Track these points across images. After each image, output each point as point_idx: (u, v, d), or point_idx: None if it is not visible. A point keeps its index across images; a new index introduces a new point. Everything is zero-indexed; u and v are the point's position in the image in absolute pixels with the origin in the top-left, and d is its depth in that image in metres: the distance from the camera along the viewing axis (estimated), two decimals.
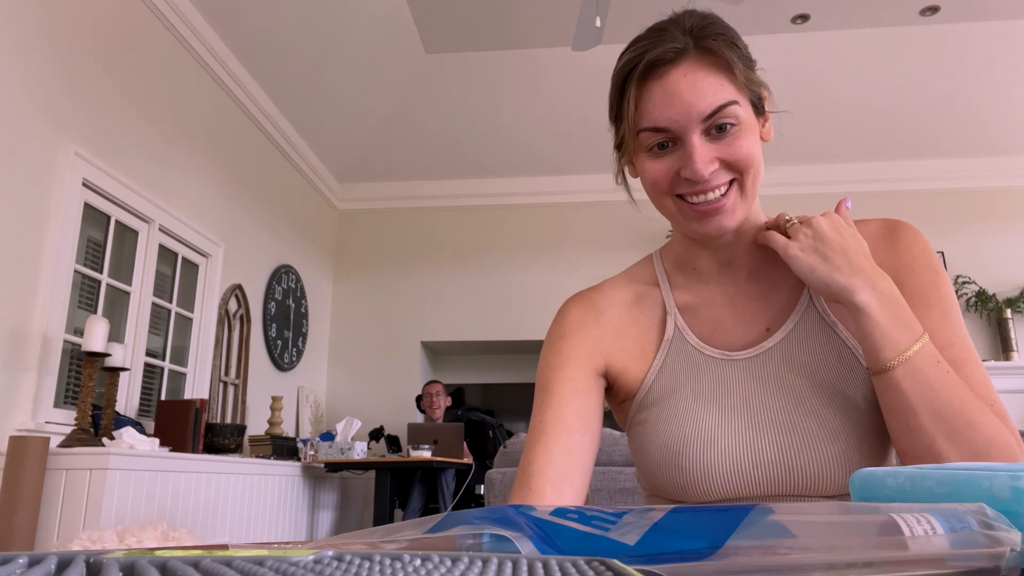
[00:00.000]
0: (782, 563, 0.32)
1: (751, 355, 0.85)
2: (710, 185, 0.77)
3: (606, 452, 2.61)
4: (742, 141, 0.77)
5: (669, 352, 0.88)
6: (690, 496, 0.82)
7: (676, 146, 0.78)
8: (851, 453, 0.77)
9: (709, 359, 0.86)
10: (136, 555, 0.23)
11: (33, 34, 2.84)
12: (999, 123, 5.26)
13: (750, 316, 0.87)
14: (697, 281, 0.91)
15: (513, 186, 6.06)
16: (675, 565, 0.33)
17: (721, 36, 0.78)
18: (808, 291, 0.85)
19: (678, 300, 0.91)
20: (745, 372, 0.84)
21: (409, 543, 0.36)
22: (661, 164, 0.79)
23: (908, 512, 0.34)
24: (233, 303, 4.43)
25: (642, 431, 0.87)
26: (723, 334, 0.88)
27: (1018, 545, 0.32)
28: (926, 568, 0.31)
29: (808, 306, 0.85)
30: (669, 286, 0.93)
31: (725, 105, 0.76)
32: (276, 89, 4.67)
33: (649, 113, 0.78)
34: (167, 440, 3.12)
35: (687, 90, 0.76)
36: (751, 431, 0.81)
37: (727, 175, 0.78)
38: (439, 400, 5.16)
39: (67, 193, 2.95)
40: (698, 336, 0.88)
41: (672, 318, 0.90)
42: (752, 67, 0.81)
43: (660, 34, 0.78)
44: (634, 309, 0.92)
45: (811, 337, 0.84)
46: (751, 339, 0.86)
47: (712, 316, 0.89)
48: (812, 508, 0.36)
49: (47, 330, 2.82)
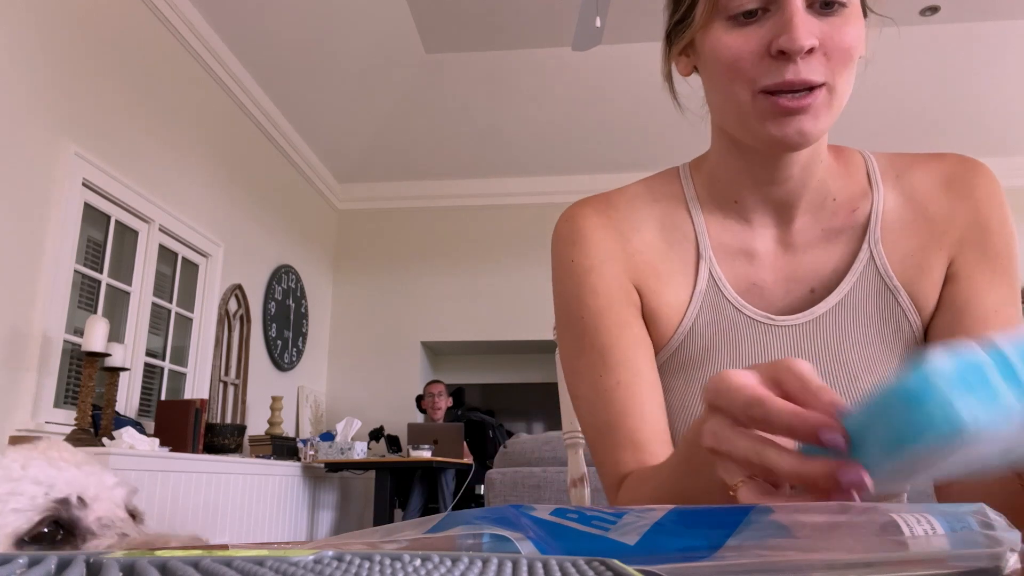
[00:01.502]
0: (782, 563, 0.32)
1: (800, 321, 0.72)
2: (802, 76, 0.61)
3: None
4: (850, 27, 0.62)
5: (703, 306, 0.73)
6: None
7: (768, 14, 0.62)
8: None
9: (750, 321, 0.72)
10: (136, 555, 0.23)
11: (33, 34, 2.83)
12: (999, 123, 5.26)
13: (795, 273, 0.73)
14: (737, 219, 0.74)
15: (513, 186, 6.06)
16: (675, 565, 0.33)
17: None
18: (868, 243, 0.71)
19: (714, 239, 0.74)
20: (791, 341, 0.71)
21: (409, 543, 0.36)
22: (746, 37, 0.63)
23: (908, 512, 0.34)
24: (233, 303, 4.43)
25: (668, 400, 0.74)
26: (766, 290, 0.73)
27: (1018, 545, 0.32)
28: (926, 568, 0.31)
29: (867, 264, 0.71)
30: (704, 219, 0.75)
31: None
32: (276, 89, 4.67)
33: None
34: (167, 440, 3.12)
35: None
36: None
37: (823, 71, 0.62)
38: (440, 400, 5.16)
39: (67, 193, 2.95)
40: (736, 289, 0.73)
41: (707, 263, 0.73)
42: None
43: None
44: (660, 240, 0.75)
45: (868, 304, 0.71)
46: (794, 300, 0.73)
47: (752, 267, 0.73)
48: (812, 508, 0.36)
49: (47, 330, 2.82)
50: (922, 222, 0.73)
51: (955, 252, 0.72)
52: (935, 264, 0.72)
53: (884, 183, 0.74)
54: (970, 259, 0.71)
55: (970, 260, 0.71)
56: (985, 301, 0.70)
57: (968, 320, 0.70)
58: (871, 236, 0.72)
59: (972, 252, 0.71)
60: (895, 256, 0.72)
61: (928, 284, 0.71)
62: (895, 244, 0.72)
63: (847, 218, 0.73)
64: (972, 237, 0.71)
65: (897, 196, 0.74)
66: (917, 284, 0.71)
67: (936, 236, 0.72)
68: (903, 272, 0.71)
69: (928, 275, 0.72)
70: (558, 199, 5.99)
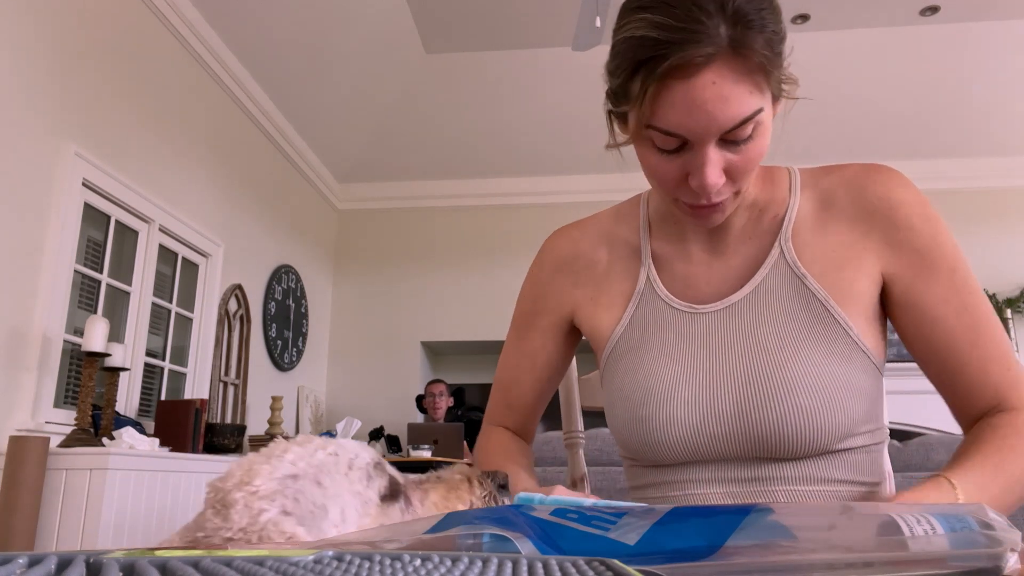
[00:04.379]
0: (782, 563, 0.32)
1: (718, 308, 0.83)
2: (713, 201, 0.74)
3: (606, 452, 2.61)
4: (758, 144, 0.71)
5: (639, 304, 0.88)
6: (652, 452, 0.81)
7: (686, 149, 0.71)
8: (815, 407, 0.74)
9: (677, 312, 0.85)
10: (136, 555, 0.23)
11: (33, 34, 2.83)
12: (999, 123, 5.26)
13: (725, 272, 0.85)
14: (676, 233, 0.89)
15: (513, 186, 6.06)
16: (675, 565, 0.33)
17: (763, 22, 0.67)
18: (780, 242, 0.83)
19: (655, 250, 0.90)
20: (711, 325, 0.83)
21: (409, 543, 0.36)
22: (668, 165, 0.73)
23: (908, 512, 0.34)
24: (233, 303, 4.43)
25: (610, 385, 0.88)
26: (695, 289, 0.86)
27: (1018, 545, 0.32)
28: (926, 568, 0.31)
29: (778, 258, 0.82)
30: (649, 234, 0.91)
31: (749, 118, 0.68)
32: (276, 89, 4.67)
33: (665, 116, 0.69)
34: (167, 440, 3.11)
35: (712, 100, 0.66)
36: (712, 384, 0.79)
37: (730, 189, 0.74)
38: (441, 400, 5.16)
39: (67, 193, 2.95)
40: (669, 289, 0.87)
41: (645, 269, 0.89)
42: (782, 50, 0.70)
43: (694, 23, 0.65)
44: (611, 255, 0.93)
45: (780, 289, 0.81)
46: (719, 294, 0.85)
47: (686, 270, 0.87)
48: (812, 508, 0.36)
49: (47, 330, 2.82)
50: (836, 220, 0.82)
51: (885, 254, 0.79)
52: (855, 256, 0.80)
53: (803, 191, 0.85)
54: (903, 262, 0.79)
55: (903, 263, 0.79)
56: (927, 299, 0.78)
57: (920, 318, 0.78)
58: (783, 235, 0.83)
59: (905, 254, 0.79)
60: (806, 249, 0.82)
61: (845, 272, 0.80)
62: (807, 240, 0.82)
63: (769, 223, 0.84)
64: (899, 238, 0.79)
65: (813, 200, 0.84)
66: (831, 272, 0.80)
67: (856, 235, 0.81)
68: (813, 262, 0.81)
69: (846, 265, 0.80)
70: (558, 199, 5.99)
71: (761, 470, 0.78)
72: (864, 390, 0.77)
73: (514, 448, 0.97)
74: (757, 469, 0.79)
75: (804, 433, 0.75)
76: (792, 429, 0.75)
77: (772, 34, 0.68)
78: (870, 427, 0.81)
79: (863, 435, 0.80)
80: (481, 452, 0.98)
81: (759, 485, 0.78)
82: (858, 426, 0.78)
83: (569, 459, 1.24)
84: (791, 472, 0.78)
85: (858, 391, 0.76)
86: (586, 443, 2.52)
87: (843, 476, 0.78)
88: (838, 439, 0.76)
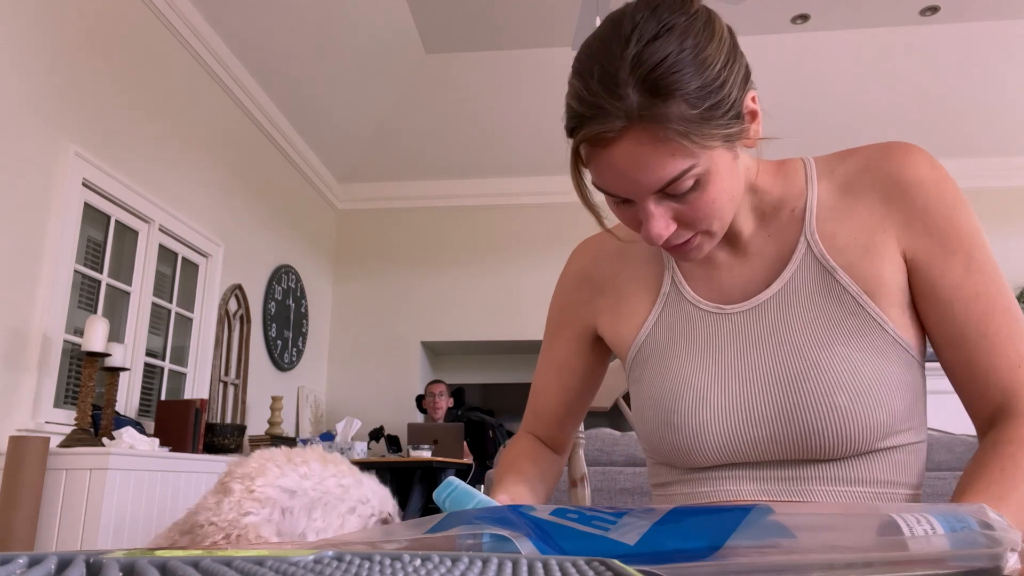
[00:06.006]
0: (782, 563, 0.32)
1: (746, 308, 0.81)
2: (671, 244, 0.74)
3: (606, 452, 2.61)
4: (705, 195, 0.70)
5: (665, 307, 0.87)
6: (685, 457, 0.79)
7: (632, 202, 0.72)
8: (855, 406, 0.72)
9: (704, 313, 0.84)
10: (136, 555, 0.23)
11: (33, 34, 2.83)
12: (999, 123, 5.26)
13: (750, 272, 0.83)
14: None
15: (513, 186, 6.06)
16: (675, 565, 0.33)
17: (679, 84, 0.64)
18: (805, 235, 0.80)
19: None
20: (741, 325, 0.81)
21: (409, 543, 0.36)
22: (625, 213, 0.75)
23: (908, 512, 0.34)
24: (233, 303, 4.43)
25: (638, 389, 0.86)
26: (722, 290, 0.84)
27: (1018, 545, 0.32)
28: (926, 568, 0.31)
29: (806, 252, 0.80)
30: None
31: (678, 177, 0.68)
32: (276, 89, 4.67)
33: (599, 177, 0.72)
34: (167, 440, 3.12)
35: (631, 169, 0.68)
36: (745, 386, 0.77)
37: (691, 232, 0.73)
38: (441, 400, 5.16)
39: (67, 193, 2.95)
40: (694, 290, 0.86)
41: (669, 272, 0.88)
42: (721, 98, 0.67)
43: (604, 97, 0.66)
44: (634, 262, 0.93)
45: (809, 285, 0.78)
46: (749, 293, 0.82)
47: (710, 273, 0.86)
48: (812, 508, 0.36)
49: (47, 330, 2.82)
50: (858, 206, 0.79)
51: (904, 237, 0.77)
52: (879, 242, 0.77)
53: (820, 179, 0.82)
54: (922, 244, 0.76)
55: (922, 245, 0.76)
56: (941, 284, 0.75)
57: (933, 305, 0.76)
58: (807, 227, 0.80)
59: (920, 237, 0.76)
60: (832, 240, 0.79)
61: (873, 259, 0.77)
62: (831, 230, 0.79)
63: (789, 218, 0.82)
64: (915, 221, 0.76)
65: (831, 188, 0.82)
66: (859, 262, 0.77)
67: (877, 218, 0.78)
68: (840, 253, 0.78)
69: (872, 252, 0.77)
70: (558, 199, 5.99)
71: (799, 470, 0.76)
72: (905, 385, 0.74)
73: (528, 456, 0.95)
74: (794, 470, 0.76)
75: (844, 434, 0.72)
76: (832, 431, 0.72)
77: (696, 91, 0.65)
78: (913, 424, 0.77)
79: (906, 432, 0.76)
80: (501, 455, 0.99)
81: (796, 484, 0.76)
82: (900, 423, 0.75)
83: (569, 459, 1.24)
84: (831, 472, 0.75)
85: (898, 386, 0.73)
86: (586, 443, 2.52)
87: (886, 477, 0.75)
88: (880, 437, 0.73)
